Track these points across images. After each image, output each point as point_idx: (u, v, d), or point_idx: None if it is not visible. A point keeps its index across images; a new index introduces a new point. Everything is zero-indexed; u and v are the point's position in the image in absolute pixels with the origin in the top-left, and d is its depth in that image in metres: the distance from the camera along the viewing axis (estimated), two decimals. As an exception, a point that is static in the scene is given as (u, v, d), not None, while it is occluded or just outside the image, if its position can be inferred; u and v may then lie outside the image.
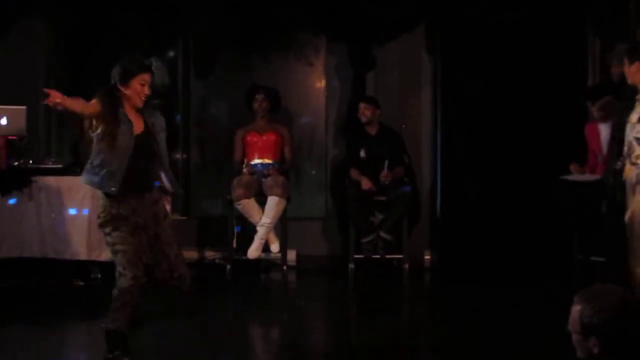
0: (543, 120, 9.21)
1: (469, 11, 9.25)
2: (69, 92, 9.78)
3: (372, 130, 9.17)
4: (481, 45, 9.38)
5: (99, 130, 5.32)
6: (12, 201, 8.00)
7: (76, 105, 5.25)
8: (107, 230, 5.36)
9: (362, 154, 9.09)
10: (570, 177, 8.33)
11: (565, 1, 9.16)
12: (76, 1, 9.60)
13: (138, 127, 5.45)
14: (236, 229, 9.08)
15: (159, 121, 5.64)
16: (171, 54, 9.93)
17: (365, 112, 9.13)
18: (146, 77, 5.45)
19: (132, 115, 5.45)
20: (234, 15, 9.54)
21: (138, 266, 5.30)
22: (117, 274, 5.32)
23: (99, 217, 5.42)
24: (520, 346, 6.00)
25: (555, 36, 9.25)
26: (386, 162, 8.87)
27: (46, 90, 5.13)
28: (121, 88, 5.42)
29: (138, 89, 5.42)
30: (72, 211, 8.13)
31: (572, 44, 9.31)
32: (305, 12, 9.60)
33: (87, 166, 5.41)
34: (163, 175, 5.57)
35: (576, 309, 3.39)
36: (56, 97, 5.09)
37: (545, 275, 8.44)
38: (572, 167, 8.38)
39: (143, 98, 5.45)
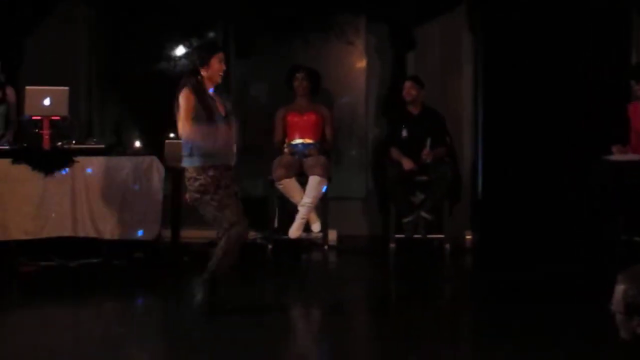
0: (585, 100, 9.14)
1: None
2: (109, 73, 9.94)
3: (415, 110, 9.14)
4: (522, 24, 9.31)
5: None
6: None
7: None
8: (209, 194, 6.15)
9: (404, 133, 9.07)
10: (612, 157, 8.27)
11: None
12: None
13: (219, 108, 6.24)
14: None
15: (228, 103, 6.42)
16: (211, 35, 9.94)
17: (410, 90, 9.09)
18: (222, 55, 6.23)
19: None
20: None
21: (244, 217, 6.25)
22: (226, 226, 6.16)
23: (194, 187, 6.17)
24: (561, 327, 5.97)
25: (598, 15, 9.16)
26: (428, 139, 8.85)
27: None
28: (202, 69, 6.15)
29: (217, 66, 6.18)
30: (113, 191, 8.20)
31: (615, 23, 9.22)
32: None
33: (184, 151, 6.22)
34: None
35: (620, 288, 3.38)
36: None
37: (587, 255, 8.38)
38: (614, 149, 8.31)
39: (221, 74, 6.23)
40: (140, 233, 8.19)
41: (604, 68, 9.11)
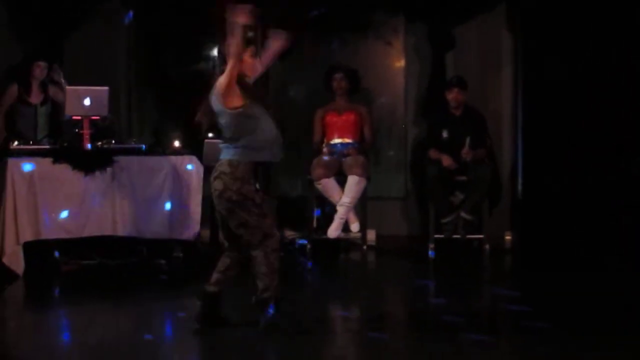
0: (627, 100, 9.04)
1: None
2: (148, 73, 9.98)
3: (457, 112, 9.07)
4: (563, 22, 9.23)
5: (239, 106, 5.74)
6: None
7: None
8: (255, 199, 5.72)
9: (445, 134, 9.00)
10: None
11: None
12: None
13: None
14: (316, 214, 9.11)
15: None
16: (250, 34, 9.93)
17: (458, 96, 8.96)
18: (254, 48, 6.00)
19: None
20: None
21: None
22: (260, 238, 5.70)
23: (241, 190, 5.69)
24: (600, 329, 5.92)
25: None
26: (468, 138, 8.78)
27: None
28: None
29: (249, 61, 5.92)
30: (153, 191, 8.24)
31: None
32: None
33: (227, 142, 5.79)
34: None
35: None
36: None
37: (628, 259, 8.30)
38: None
39: (252, 69, 5.95)
40: (179, 232, 8.21)
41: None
